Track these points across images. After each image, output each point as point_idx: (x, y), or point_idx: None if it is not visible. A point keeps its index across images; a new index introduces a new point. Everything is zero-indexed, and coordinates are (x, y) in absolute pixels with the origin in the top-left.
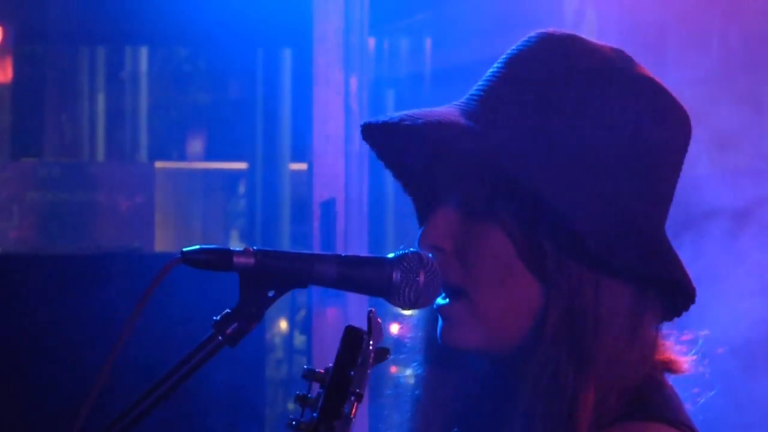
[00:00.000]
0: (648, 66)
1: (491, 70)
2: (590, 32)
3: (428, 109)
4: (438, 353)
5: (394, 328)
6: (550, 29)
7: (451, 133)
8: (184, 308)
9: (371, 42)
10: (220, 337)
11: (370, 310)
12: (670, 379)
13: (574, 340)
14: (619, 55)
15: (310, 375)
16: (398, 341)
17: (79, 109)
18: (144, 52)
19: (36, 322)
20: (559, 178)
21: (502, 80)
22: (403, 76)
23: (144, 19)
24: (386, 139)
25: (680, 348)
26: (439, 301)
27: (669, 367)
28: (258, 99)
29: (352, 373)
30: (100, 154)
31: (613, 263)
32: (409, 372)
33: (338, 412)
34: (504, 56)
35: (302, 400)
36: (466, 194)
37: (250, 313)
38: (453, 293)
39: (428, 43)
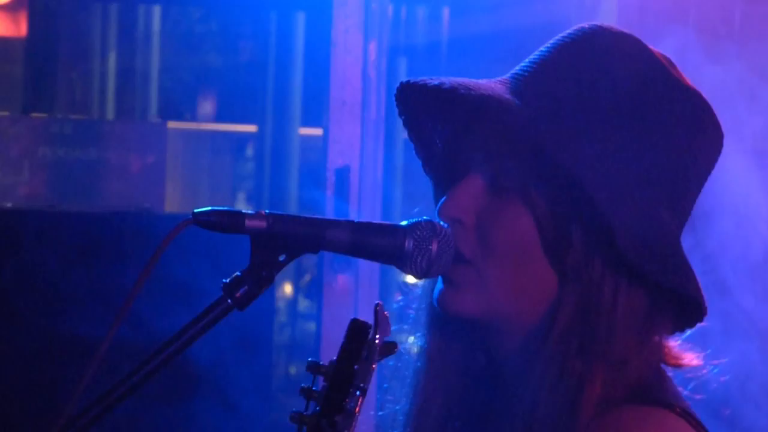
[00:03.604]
0: (668, 43)
1: (538, 52)
2: (611, 6)
3: (472, 80)
4: (441, 325)
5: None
6: (605, 24)
7: (499, 106)
8: (193, 269)
9: (389, 9)
10: (229, 300)
11: (377, 304)
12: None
13: (586, 336)
14: (670, 63)
15: (314, 368)
16: (402, 311)
17: (91, 66)
18: (157, 11)
19: (45, 278)
20: (601, 173)
21: (551, 65)
22: (420, 44)
23: None
24: (419, 104)
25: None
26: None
27: (675, 363)
28: (270, 62)
29: (356, 367)
30: (110, 112)
31: (637, 268)
32: (411, 340)
33: (341, 407)
34: (554, 40)
35: (307, 393)
36: (498, 169)
37: (261, 277)
38: (463, 261)
39: (446, 12)
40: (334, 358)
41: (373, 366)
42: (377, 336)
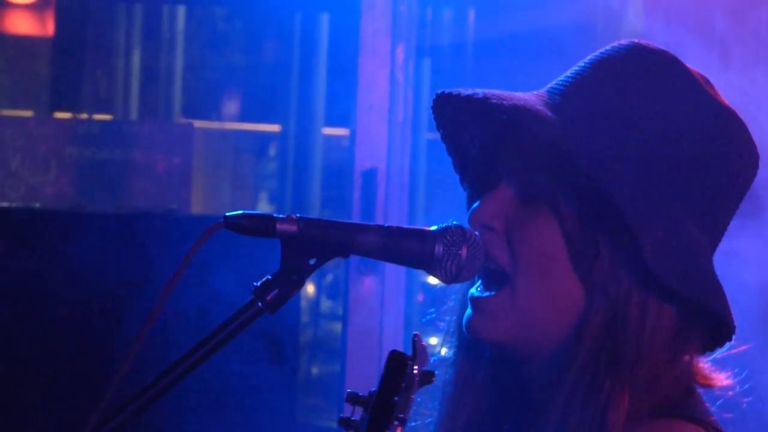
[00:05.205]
0: (696, 42)
1: (575, 68)
2: (637, 8)
3: (506, 91)
4: (468, 345)
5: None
6: (643, 41)
7: (533, 118)
8: (224, 273)
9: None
10: (259, 304)
11: (415, 334)
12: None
13: (614, 352)
14: (707, 82)
15: (353, 399)
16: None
17: (115, 65)
18: (181, 10)
19: (71, 278)
20: (631, 186)
21: (587, 80)
22: (445, 46)
23: None
24: (455, 116)
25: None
26: (474, 291)
27: (705, 383)
28: (294, 62)
29: (396, 399)
30: (134, 112)
31: (665, 283)
32: (444, 351)
33: None
34: (590, 57)
35: (346, 423)
36: (530, 179)
37: (291, 281)
38: (495, 279)
39: (471, 14)
40: (374, 389)
41: (412, 396)
42: (416, 367)
